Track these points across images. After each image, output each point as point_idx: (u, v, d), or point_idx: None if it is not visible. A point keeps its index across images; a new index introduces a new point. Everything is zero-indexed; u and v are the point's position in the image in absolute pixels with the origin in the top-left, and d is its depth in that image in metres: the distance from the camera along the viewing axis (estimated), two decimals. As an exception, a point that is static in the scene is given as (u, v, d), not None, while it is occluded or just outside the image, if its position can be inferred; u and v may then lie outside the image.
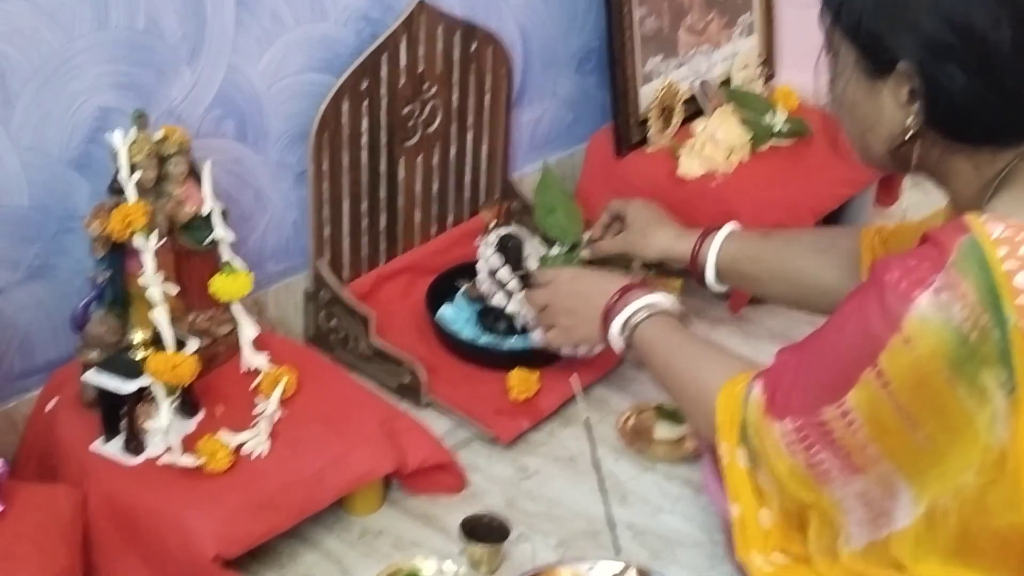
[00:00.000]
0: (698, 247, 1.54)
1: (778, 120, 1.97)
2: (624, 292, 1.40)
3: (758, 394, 1.13)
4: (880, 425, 1.01)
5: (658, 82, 1.92)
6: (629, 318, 1.37)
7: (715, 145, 1.86)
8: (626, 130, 1.90)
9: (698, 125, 1.93)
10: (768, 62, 2.16)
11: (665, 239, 1.59)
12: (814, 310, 1.44)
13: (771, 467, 1.12)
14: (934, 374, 0.97)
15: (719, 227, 1.54)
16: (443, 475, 1.47)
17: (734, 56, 2.09)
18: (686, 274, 1.62)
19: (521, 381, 1.58)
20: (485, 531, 1.36)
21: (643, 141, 1.93)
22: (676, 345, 1.32)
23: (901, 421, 0.99)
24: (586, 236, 1.69)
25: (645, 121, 1.91)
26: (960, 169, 1.08)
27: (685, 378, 1.27)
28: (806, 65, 1.16)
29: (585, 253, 1.69)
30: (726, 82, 2.07)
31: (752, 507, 1.15)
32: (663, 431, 1.58)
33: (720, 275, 1.53)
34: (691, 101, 1.99)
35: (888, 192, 2.13)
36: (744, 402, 1.14)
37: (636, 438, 1.58)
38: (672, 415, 1.58)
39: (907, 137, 1.06)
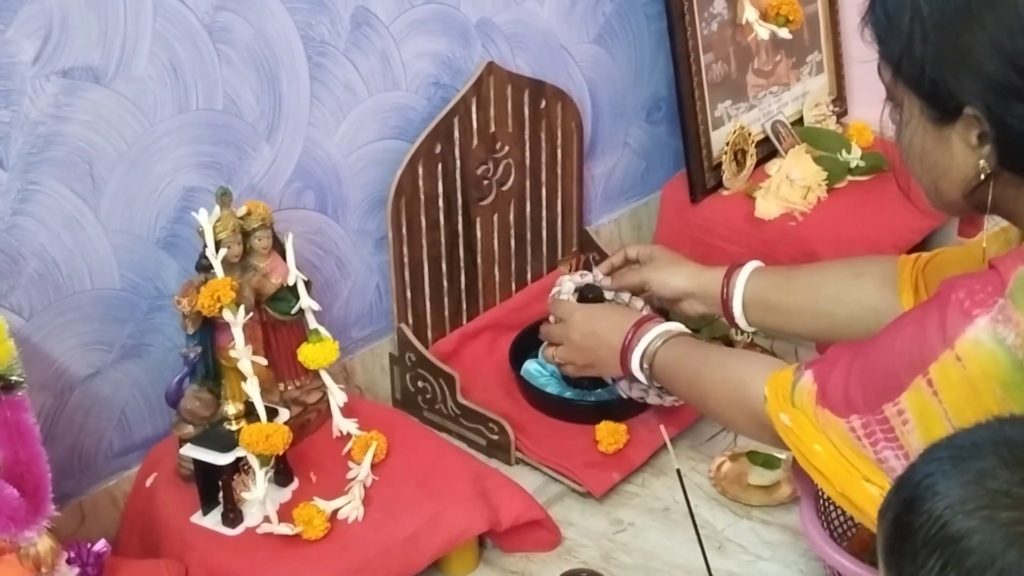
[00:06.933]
0: (726, 281, 1.49)
1: (853, 156, 1.96)
2: (639, 326, 1.42)
3: (808, 382, 1.14)
4: (929, 431, 1.01)
5: (729, 126, 1.92)
6: (647, 348, 1.40)
7: (791, 185, 1.85)
8: (700, 175, 1.89)
9: (772, 166, 1.93)
10: (839, 99, 2.15)
11: (687, 273, 1.55)
12: (847, 338, 1.33)
13: (839, 449, 1.11)
14: (987, 394, 0.98)
15: (744, 263, 1.51)
16: (538, 531, 1.46)
17: (804, 95, 2.09)
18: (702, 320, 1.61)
19: (609, 433, 1.57)
20: (583, 587, 1.35)
21: (718, 185, 1.92)
22: (701, 356, 1.34)
23: (949, 432, 0.98)
24: (598, 274, 1.62)
25: (718, 165, 1.91)
26: None
27: (717, 380, 1.29)
28: (878, 99, 1.15)
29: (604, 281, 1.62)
30: (798, 121, 2.06)
31: (830, 448, 1.13)
32: (757, 477, 1.56)
33: (747, 310, 1.48)
34: (764, 143, 1.98)
35: (971, 223, 2.09)
36: (793, 387, 1.15)
37: (730, 485, 1.56)
38: (766, 460, 1.56)
39: (981, 179, 1.06)
